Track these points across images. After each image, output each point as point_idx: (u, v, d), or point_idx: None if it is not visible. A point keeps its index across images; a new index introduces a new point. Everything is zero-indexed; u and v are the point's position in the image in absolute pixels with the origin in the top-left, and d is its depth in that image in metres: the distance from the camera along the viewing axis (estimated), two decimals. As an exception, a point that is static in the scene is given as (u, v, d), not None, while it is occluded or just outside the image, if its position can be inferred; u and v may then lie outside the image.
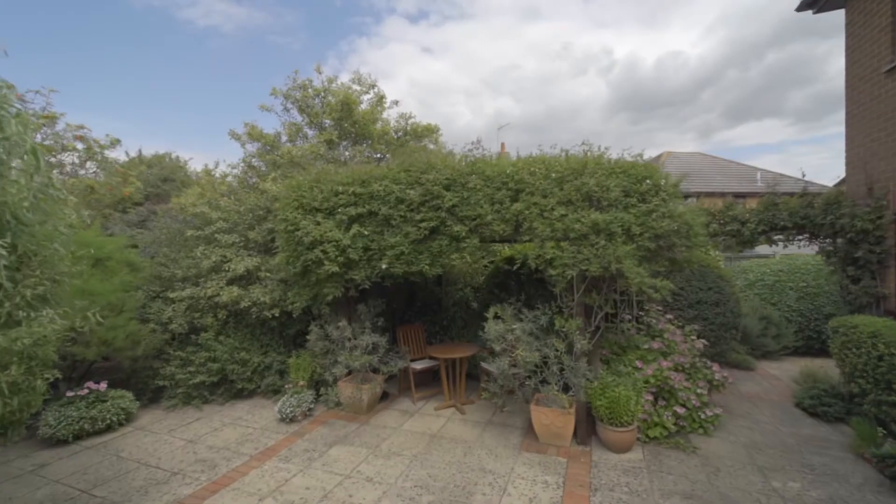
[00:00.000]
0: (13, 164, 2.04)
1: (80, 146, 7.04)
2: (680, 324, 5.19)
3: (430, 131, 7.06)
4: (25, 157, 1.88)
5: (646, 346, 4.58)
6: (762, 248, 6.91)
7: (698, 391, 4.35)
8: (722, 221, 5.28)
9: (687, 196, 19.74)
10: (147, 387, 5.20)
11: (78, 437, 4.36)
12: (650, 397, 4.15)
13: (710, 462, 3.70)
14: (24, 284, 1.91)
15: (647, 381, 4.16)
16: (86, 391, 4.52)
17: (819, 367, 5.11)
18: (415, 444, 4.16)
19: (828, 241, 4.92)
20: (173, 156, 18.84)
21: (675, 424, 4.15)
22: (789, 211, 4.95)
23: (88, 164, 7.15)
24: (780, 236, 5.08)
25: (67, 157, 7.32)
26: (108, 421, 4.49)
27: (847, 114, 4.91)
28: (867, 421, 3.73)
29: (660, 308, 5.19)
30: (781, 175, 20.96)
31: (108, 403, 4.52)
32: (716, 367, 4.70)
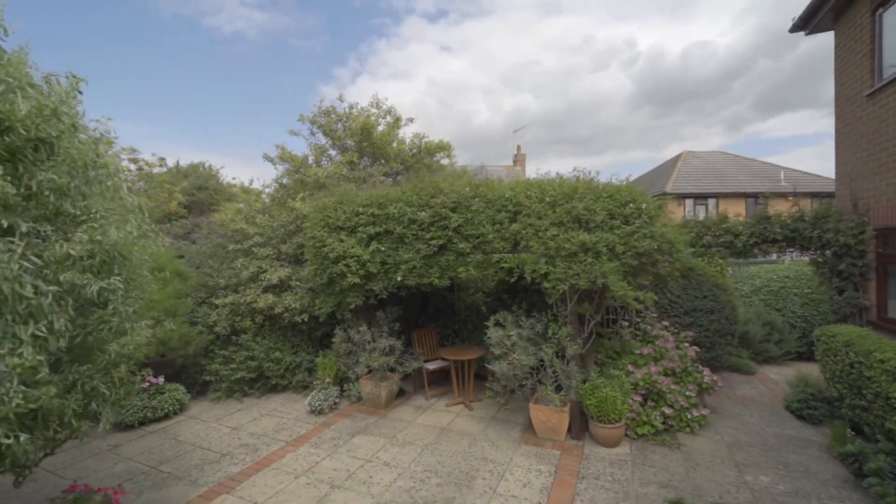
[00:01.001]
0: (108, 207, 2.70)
1: (133, 167, 7.95)
2: (675, 330, 5.54)
3: (442, 148, 7.61)
4: (134, 211, 2.54)
5: (638, 352, 4.98)
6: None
7: (687, 393, 4.71)
8: (716, 233, 5.58)
9: (706, 197, 19.57)
10: (195, 381, 5.97)
11: (142, 423, 5.14)
12: (639, 398, 4.55)
13: (691, 457, 4.10)
14: (126, 304, 2.56)
15: (636, 384, 4.58)
16: (147, 384, 5.29)
17: (812, 372, 5.36)
18: (426, 436, 4.71)
19: (818, 252, 5.16)
20: (206, 164, 20.05)
21: (663, 423, 4.54)
22: (780, 224, 5.23)
23: (139, 182, 8.03)
24: (773, 248, 5.35)
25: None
26: (166, 410, 5.26)
27: (836, 132, 5.13)
28: (845, 424, 4.03)
29: (654, 315, 5.56)
30: (807, 174, 20.43)
31: (166, 395, 5.28)
32: (706, 371, 5.04)
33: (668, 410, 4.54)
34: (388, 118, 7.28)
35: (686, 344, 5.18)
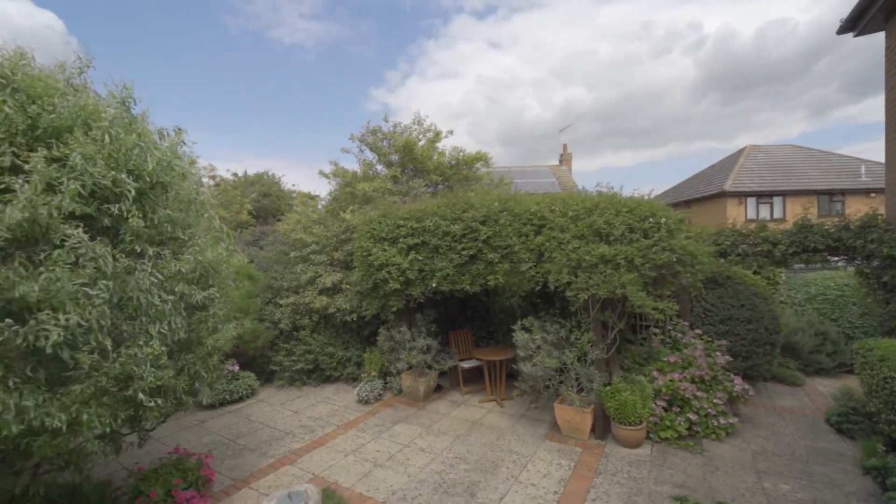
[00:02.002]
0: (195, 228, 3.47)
1: (211, 182, 9.19)
2: (709, 339, 5.56)
3: (479, 158, 8.04)
4: (223, 236, 3.30)
5: (665, 359, 5.11)
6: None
7: (714, 401, 4.79)
8: (753, 242, 5.51)
9: (771, 195, 18.18)
10: (263, 370, 6.92)
11: (222, 404, 6.11)
12: (663, 403, 4.72)
13: (711, 462, 4.23)
14: (218, 308, 3.31)
15: (659, 390, 4.74)
16: (227, 372, 6.28)
17: (859, 386, 5.15)
18: (459, 428, 5.21)
19: (864, 262, 4.96)
20: (270, 173, 21.94)
21: (687, 429, 4.67)
22: (822, 233, 5.08)
23: (217, 196, 9.24)
24: (815, 257, 5.21)
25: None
26: (240, 394, 6.21)
27: (887, 138, 4.87)
28: (879, 438, 3.96)
29: (686, 323, 5.62)
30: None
31: (240, 381, 6.24)
32: (738, 380, 5.05)
33: (692, 417, 4.66)
34: (429, 134, 7.86)
35: (718, 353, 5.22)
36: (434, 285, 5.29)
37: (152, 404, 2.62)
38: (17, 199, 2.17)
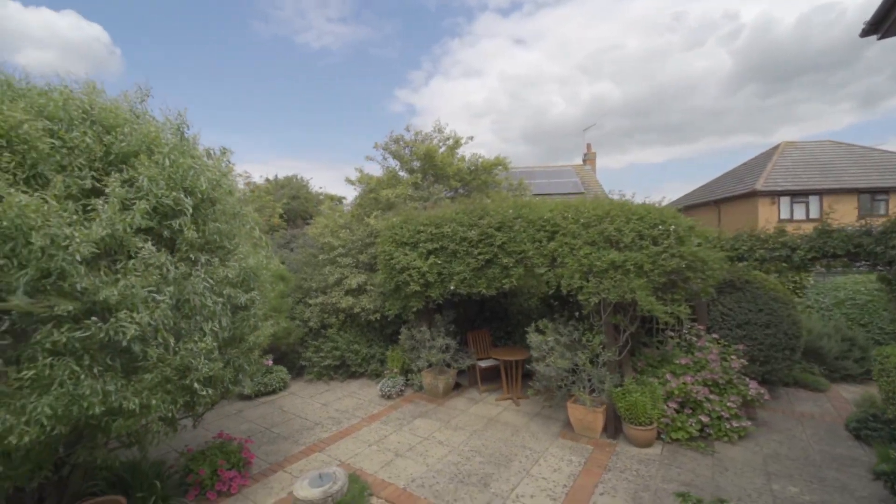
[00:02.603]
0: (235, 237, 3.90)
1: (247, 189, 9.81)
2: (726, 343, 5.60)
3: (498, 164, 8.26)
4: (263, 245, 3.71)
5: (678, 362, 5.21)
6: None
7: (728, 404, 4.86)
8: (770, 247, 5.51)
9: (806, 194, 17.44)
10: (294, 365, 7.42)
11: (257, 395, 6.62)
12: (675, 405, 4.83)
13: (721, 463, 4.33)
14: (257, 307, 3.72)
15: (671, 393, 4.86)
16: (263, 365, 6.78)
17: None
18: (476, 424, 5.48)
19: (886, 268, 4.89)
20: (298, 176, 22.83)
21: (699, 431, 4.77)
22: (843, 238, 5.04)
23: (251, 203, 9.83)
24: (835, 263, 5.16)
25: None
26: (274, 386, 6.70)
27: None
28: (894, 445, 3.96)
29: (701, 327, 5.68)
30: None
31: (274, 374, 6.74)
32: (753, 384, 5.09)
33: (704, 419, 4.75)
34: (449, 141, 8.16)
35: (733, 357, 5.26)
36: (452, 288, 5.58)
37: (204, 392, 3.04)
38: (100, 218, 2.61)
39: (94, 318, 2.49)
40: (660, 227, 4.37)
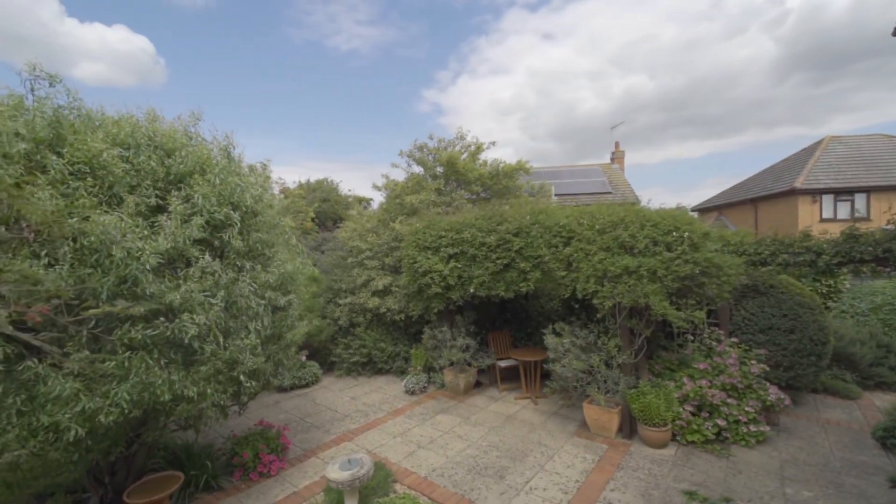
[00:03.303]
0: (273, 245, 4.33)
1: (281, 195, 10.43)
2: (747, 347, 5.59)
3: (520, 168, 8.44)
4: (300, 252, 4.12)
5: (695, 366, 5.27)
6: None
7: (746, 409, 4.89)
8: (794, 252, 5.45)
9: (851, 191, 16.50)
10: (325, 360, 7.91)
11: (292, 388, 7.14)
12: (691, 408, 4.91)
13: (735, 466, 4.39)
14: (294, 308, 4.14)
15: (687, 396, 4.94)
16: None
17: (915, 403, 4.95)
18: (494, 420, 5.74)
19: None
20: (329, 179, 23.68)
21: (717, 434, 4.83)
22: (870, 243, 4.94)
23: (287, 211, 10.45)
24: (863, 268, 5.06)
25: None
26: (307, 380, 7.20)
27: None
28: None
29: (721, 332, 5.69)
30: None
31: (307, 369, 7.24)
32: (773, 389, 5.08)
33: (721, 422, 4.81)
34: (471, 147, 8.43)
35: (753, 362, 5.26)
36: (472, 291, 5.86)
37: (249, 384, 3.47)
38: (164, 232, 3.06)
39: (161, 319, 2.94)
40: (674, 233, 4.47)
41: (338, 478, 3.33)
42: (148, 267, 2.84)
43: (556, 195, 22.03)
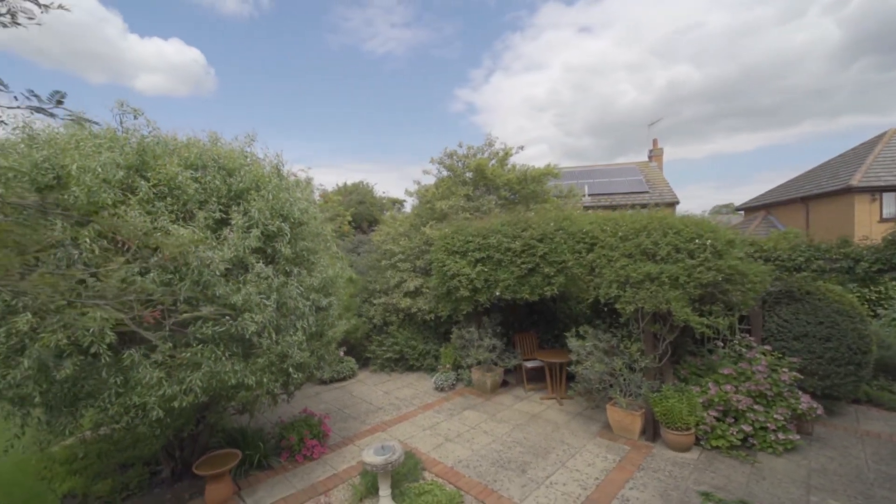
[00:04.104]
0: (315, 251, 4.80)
1: (321, 200, 11.08)
2: (779, 355, 5.51)
3: (546, 173, 8.57)
4: (340, 257, 4.57)
5: (722, 372, 5.27)
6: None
7: (775, 416, 4.87)
8: (831, 258, 5.31)
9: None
10: (361, 356, 8.44)
11: (331, 381, 7.70)
12: (716, 413, 4.94)
13: (760, 472, 4.41)
14: (334, 309, 4.60)
15: (711, 401, 4.97)
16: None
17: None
18: (519, 418, 5.98)
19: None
20: (364, 182, 24.55)
21: (742, 441, 4.84)
22: (914, 250, 4.75)
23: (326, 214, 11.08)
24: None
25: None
26: (344, 374, 7.74)
27: None
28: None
29: (752, 338, 5.63)
30: None
31: (345, 364, 7.78)
32: (805, 397, 5.01)
33: (747, 428, 4.82)
34: (500, 153, 8.69)
35: (784, 369, 5.19)
36: (497, 294, 6.13)
37: (296, 375, 3.94)
38: (228, 243, 3.57)
39: (227, 317, 3.44)
40: (696, 240, 4.54)
41: (373, 461, 3.73)
42: (217, 273, 3.34)
43: (589, 195, 21.73)
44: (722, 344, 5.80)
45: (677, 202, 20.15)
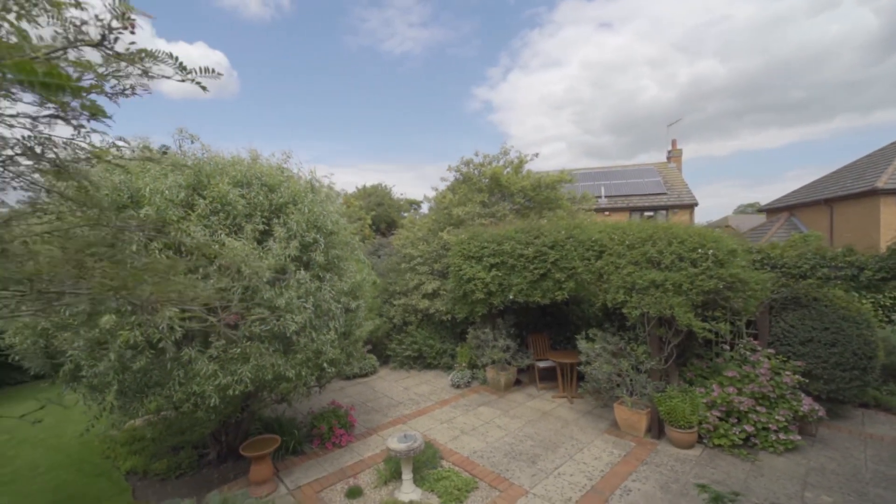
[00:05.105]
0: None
1: (344, 205, 11.61)
2: (784, 358, 5.72)
3: (560, 179, 8.88)
4: (366, 263, 5.04)
5: (726, 374, 5.52)
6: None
7: (777, 417, 5.10)
8: (836, 266, 5.48)
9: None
10: (382, 354, 8.94)
11: (355, 376, 8.22)
12: (718, 413, 5.20)
13: (759, 470, 4.67)
14: (361, 310, 5.07)
15: (714, 402, 5.24)
16: (356, 353, 8.37)
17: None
18: (531, 415, 6.35)
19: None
20: (383, 184, 25.15)
21: (745, 440, 5.09)
22: (917, 259, 4.90)
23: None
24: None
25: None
26: (367, 371, 8.25)
27: None
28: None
29: (756, 342, 5.85)
30: None
31: (367, 361, 8.28)
32: (807, 400, 5.22)
33: (749, 428, 5.07)
34: (515, 161, 9.05)
35: (787, 372, 5.40)
36: (511, 297, 6.50)
37: (330, 370, 4.42)
38: (272, 253, 4.07)
39: (272, 317, 3.94)
40: (699, 250, 4.82)
41: (397, 448, 4.17)
42: (265, 279, 3.84)
43: (605, 196, 21.77)
44: (729, 347, 6.03)
45: (695, 204, 20.03)
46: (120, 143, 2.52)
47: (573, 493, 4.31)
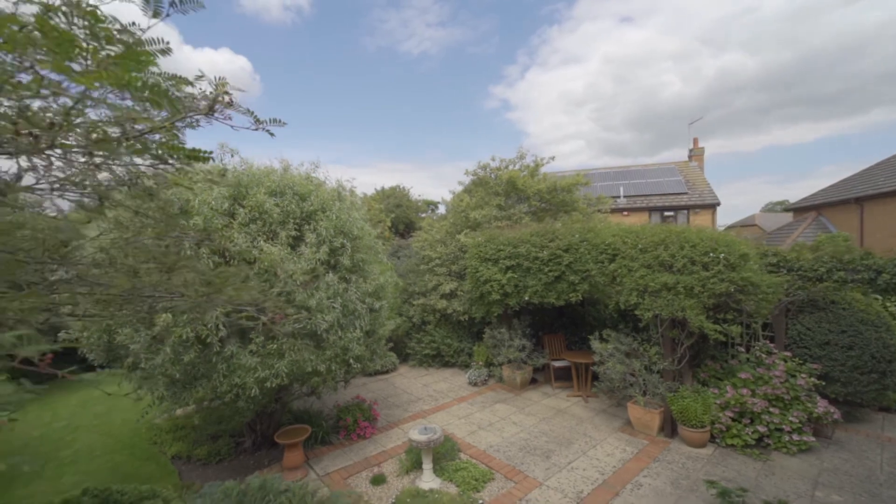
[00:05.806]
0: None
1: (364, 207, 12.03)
2: (800, 361, 5.76)
3: (576, 182, 9.02)
4: (389, 267, 5.37)
5: (740, 376, 5.61)
6: None
7: (791, 419, 5.17)
8: (853, 269, 5.49)
9: None
10: (401, 352, 9.29)
11: (376, 373, 8.59)
12: (731, 414, 5.31)
13: (771, 469, 4.78)
14: (384, 311, 5.40)
15: (727, 403, 5.34)
16: (377, 351, 8.74)
17: None
18: (546, 412, 6.56)
19: None
20: (401, 186, 25.59)
21: (758, 440, 5.18)
22: (935, 263, 4.89)
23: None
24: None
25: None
26: (388, 368, 8.61)
27: None
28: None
29: (772, 344, 5.90)
30: None
31: (388, 359, 8.64)
32: (822, 402, 5.27)
33: (762, 429, 5.16)
34: (531, 165, 9.25)
35: (803, 375, 5.45)
36: (526, 298, 6.73)
37: (355, 366, 4.77)
38: (305, 257, 4.43)
39: (305, 315, 4.31)
40: (711, 254, 4.95)
41: (418, 439, 4.48)
42: (298, 282, 4.21)
43: (624, 196, 21.61)
44: (744, 350, 6.10)
45: (717, 204, 19.70)
46: (200, 170, 2.89)
47: (585, 486, 4.53)
